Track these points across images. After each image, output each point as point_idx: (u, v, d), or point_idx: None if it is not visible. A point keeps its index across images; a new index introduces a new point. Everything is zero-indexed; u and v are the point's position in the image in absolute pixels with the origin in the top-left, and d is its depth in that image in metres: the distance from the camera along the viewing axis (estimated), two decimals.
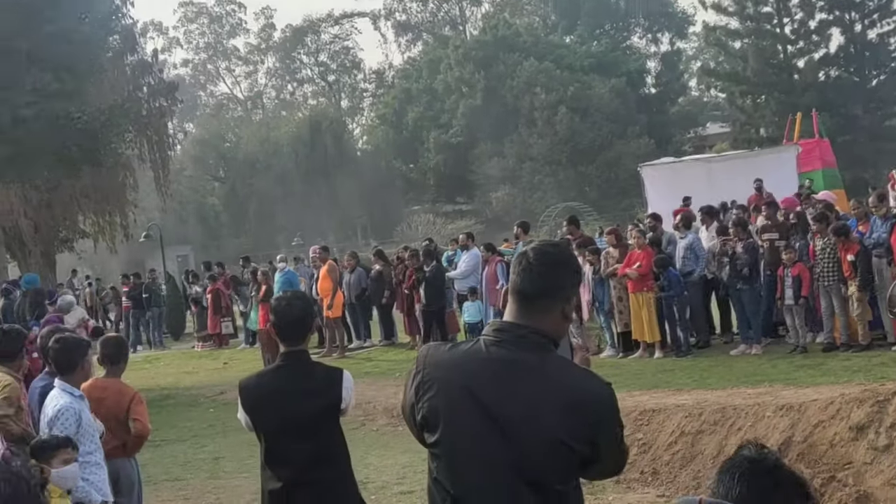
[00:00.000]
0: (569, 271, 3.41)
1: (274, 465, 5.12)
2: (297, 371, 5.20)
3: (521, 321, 3.31)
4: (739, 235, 14.95)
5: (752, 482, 2.77)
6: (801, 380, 11.93)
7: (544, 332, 3.30)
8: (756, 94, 55.55)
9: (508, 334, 3.30)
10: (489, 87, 62.01)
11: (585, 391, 3.23)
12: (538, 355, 3.25)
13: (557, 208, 51.28)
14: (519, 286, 3.33)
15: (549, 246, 3.43)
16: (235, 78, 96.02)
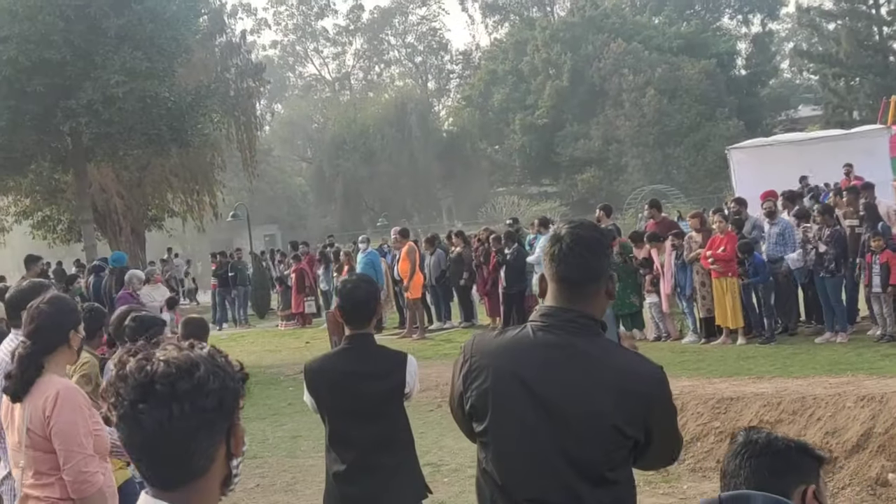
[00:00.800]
0: (606, 251, 3.39)
1: (338, 448, 5.13)
2: (362, 354, 5.18)
3: (568, 305, 3.27)
4: (827, 222, 14.59)
5: (754, 463, 2.76)
6: (886, 369, 11.63)
7: (591, 314, 3.27)
8: (849, 77, 54.38)
9: (556, 319, 3.26)
10: (576, 68, 61.57)
11: (638, 373, 3.18)
12: (587, 339, 3.21)
13: (643, 191, 50.74)
14: (563, 273, 3.28)
15: (582, 228, 3.36)
16: (323, 59, 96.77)
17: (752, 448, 2.76)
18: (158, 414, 2.02)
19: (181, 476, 2.11)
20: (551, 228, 19.20)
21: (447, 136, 73.93)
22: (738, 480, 2.75)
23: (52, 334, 4.90)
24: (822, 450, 3.09)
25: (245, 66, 40.11)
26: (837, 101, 54.86)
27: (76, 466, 4.71)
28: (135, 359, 2.08)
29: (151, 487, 2.14)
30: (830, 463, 2.61)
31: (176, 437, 2.04)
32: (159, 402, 2.02)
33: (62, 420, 4.71)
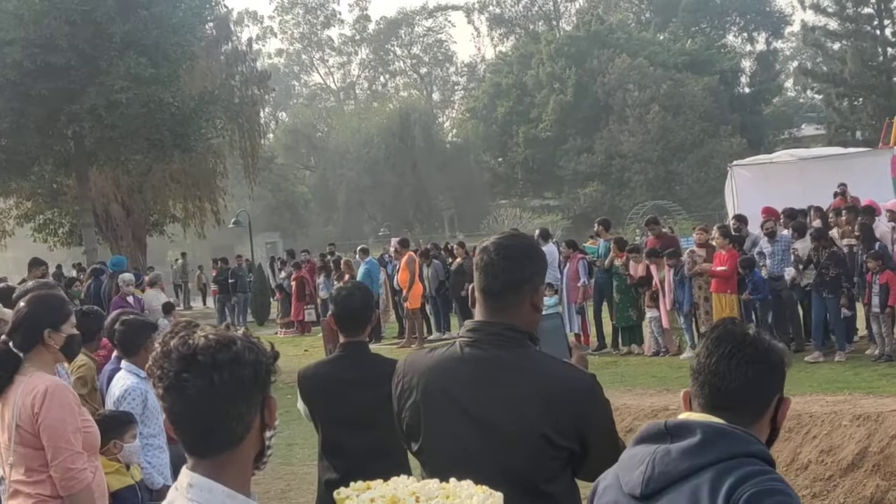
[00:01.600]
0: (531, 261, 3.33)
1: (330, 456, 5.12)
2: (355, 362, 5.14)
3: (493, 318, 3.25)
4: (824, 245, 14.61)
5: (751, 373, 2.59)
6: (883, 389, 11.62)
7: (516, 326, 3.24)
8: (853, 97, 54.41)
9: (481, 333, 3.24)
10: (580, 82, 61.66)
11: (566, 383, 3.15)
12: (514, 351, 3.18)
13: (646, 206, 50.80)
14: (484, 283, 3.27)
15: (508, 239, 3.35)
16: (329, 68, 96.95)
17: (747, 353, 2.60)
18: (201, 382, 2.22)
19: (220, 443, 2.29)
20: (551, 241, 19.35)
21: (450, 147, 74.00)
22: (730, 385, 2.59)
23: (28, 332, 4.92)
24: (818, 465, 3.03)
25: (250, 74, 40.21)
26: (840, 121, 54.87)
27: (63, 463, 4.72)
28: (178, 336, 2.28)
29: (191, 457, 2.32)
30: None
31: (217, 403, 2.24)
32: (201, 371, 2.22)
33: (50, 416, 4.73)
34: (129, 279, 17.17)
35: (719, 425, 2.54)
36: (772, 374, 2.62)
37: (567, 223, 56.00)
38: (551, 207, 65.68)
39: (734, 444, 2.50)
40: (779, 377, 2.65)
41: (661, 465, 2.54)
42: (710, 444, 2.50)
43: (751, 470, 2.45)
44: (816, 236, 14.85)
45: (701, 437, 2.51)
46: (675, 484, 2.51)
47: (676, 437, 2.56)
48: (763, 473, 2.45)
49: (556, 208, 64.59)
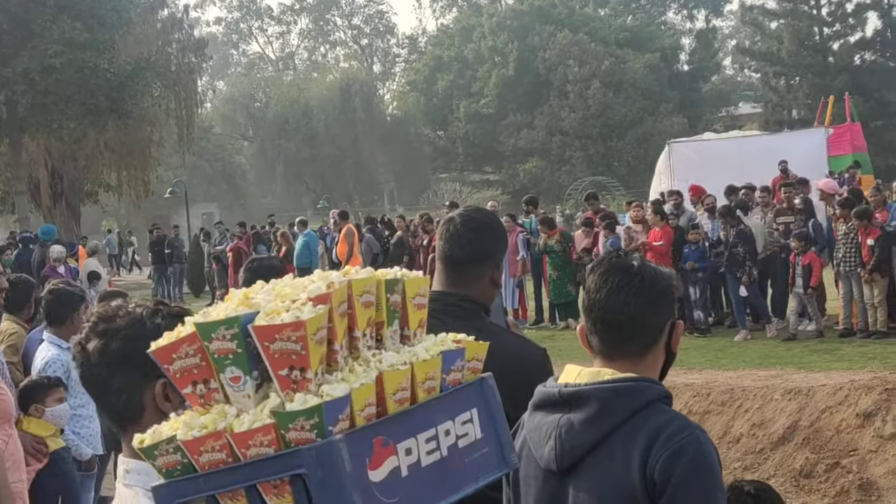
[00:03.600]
0: (496, 237, 3.36)
1: None
2: None
3: (450, 289, 3.26)
4: (730, 223, 14.77)
5: (640, 302, 2.57)
6: (814, 364, 11.80)
7: (473, 298, 3.25)
8: (790, 76, 55.00)
9: (437, 303, 3.18)
10: (522, 57, 61.62)
11: (520, 356, 3.17)
12: (469, 323, 3.14)
13: (585, 182, 51.05)
14: (447, 253, 3.28)
15: (475, 211, 3.38)
16: (268, 38, 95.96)
17: (635, 284, 2.57)
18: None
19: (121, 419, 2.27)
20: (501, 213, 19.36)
21: (391, 120, 73.67)
22: (622, 318, 2.58)
23: None
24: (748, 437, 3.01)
25: (187, 42, 39.56)
26: (777, 100, 55.46)
27: None
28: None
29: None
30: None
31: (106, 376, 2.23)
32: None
33: None
34: (60, 251, 16.95)
35: (611, 385, 2.54)
36: (661, 301, 2.60)
37: (507, 198, 56.10)
38: (491, 182, 65.81)
39: (630, 400, 2.50)
40: (668, 303, 2.64)
41: (569, 439, 2.55)
42: (609, 409, 2.50)
43: (656, 426, 2.46)
44: (723, 213, 15.03)
45: (598, 405, 2.51)
46: (588, 455, 2.52)
47: (574, 407, 2.57)
48: (668, 425, 2.45)
49: (496, 183, 64.72)
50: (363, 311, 1.98)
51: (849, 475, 7.60)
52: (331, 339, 1.88)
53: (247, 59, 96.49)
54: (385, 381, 1.93)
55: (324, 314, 1.84)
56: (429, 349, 2.07)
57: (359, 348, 1.97)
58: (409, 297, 2.11)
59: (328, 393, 1.81)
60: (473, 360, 2.20)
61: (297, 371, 1.82)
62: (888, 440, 7.63)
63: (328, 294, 1.87)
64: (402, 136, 68.85)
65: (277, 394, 1.84)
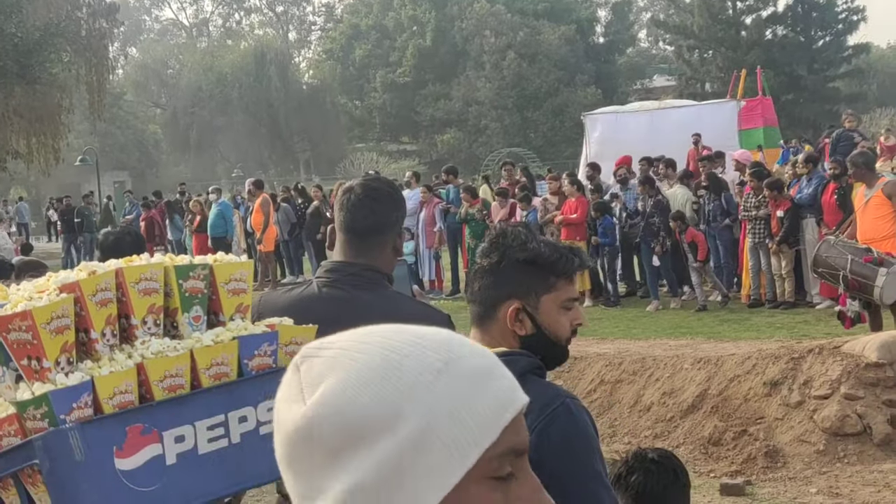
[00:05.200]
0: (397, 205, 3.40)
1: None
2: None
3: (353, 259, 3.28)
4: (648, 192, 14.96)
5: (482, 281, 2.64)
6: (724, 334, 12.05)
7: (377, 268, 3.28)
8: (703, 49, 55.63)
9: (340, 273, 3.27)
10: (439, 27, 61.52)
11: (423, 320, 3.16)
12: (372, 292, 3.20)
13: (502, 153, 51.20)
14: (350, 224, 3.29)
15: (375, 181, 3.43)
16: (181, 3, 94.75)
17: (482, 254, 2.66)
18: None
19: None
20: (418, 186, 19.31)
21: (307, 88, 73.03)
22: (474, 285, 2.68)
23: None
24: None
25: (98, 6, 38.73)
26: (691, 73, 56.08)
27: None
28: None
29: None
30: (568, 274, 2.34)
31: None
32: None
33: None
34: None
35: None
36: (499, 274, 2.61)
37: (424, 168, 55.98)
38: (408, 152, 65.71)
39: None
40: (507, 280, 2.62)
41: None
42: None
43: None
44: (643, 181, 15.22)
45: None
46: None
47: None
48: (540, 397, 2.37)
49: (413, 153, 64.65)
50: (140, 299, 1.94)
51: (756, 442, 7.78)
52: (87, 328, 1.86)
53: (160, 25, 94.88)
54: (149, 369, 1.90)
55: (60, 303, 1.80)
56: (219, 335, 2.04)
57: (137, 336, 1.94)
58: (220, 283, 2.09)
59: (61, 382, 1.78)
60: (292, 343, 2.17)
61: (35, 360, 1.79)
62: (794, 408, 7.82)
63: (75, 283, 1.84)
64: (318, 106, 68.28)
65: (27, 384, 1.82)
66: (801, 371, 7.99)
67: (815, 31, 54.69)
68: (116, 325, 1.92)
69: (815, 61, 54.13)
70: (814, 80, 53.20)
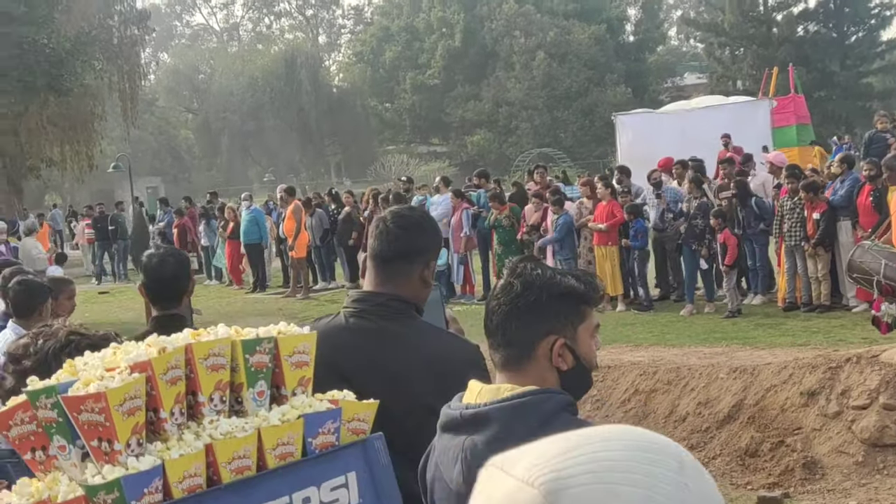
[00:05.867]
0: (427, 235, 3.35)
1: None
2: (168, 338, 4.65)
3: (380, 289, 3.25)
4: (694, 194, 14.78)
5: (506, 311, 2.53)
6: (759, 339, 11.91)
7: (404, 298, 3.23)
8: (734, 47, 55.32)
9: (367, 304, 3.24)
10: (469, 28, 61.49)
11: (451, 352, 3.15)
12: (400, 322, 3.16)
13: (532, 153, 51.14)
14: (377, 250, 3.26)
15: (407, 209, 3.39)
16: (212, 8, 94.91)
17: (506, 294, 2.55)
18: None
19: None
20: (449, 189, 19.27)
21: (337, 91, 73.21)
22: (494, 321, 2.56)
23: None
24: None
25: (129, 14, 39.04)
26: (722, 71, 55.78)
27: None
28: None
29: None
30: (596, 302, 2.28)
31: None
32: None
33: None
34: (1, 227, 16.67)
35: (509, 403, 2.45)
36: (531, 312, 2.53)
37: (454, 170, 56.04)
38: (438, 154, 65.74)
39: (530, 415, 2.42)
40: (542, 316, 2.55)
41: (475, 461, 2.44)
42: (511, 428, 2.43)
43: None
44: (692, 180, 15.03)
45: (499, 426, 2.44)
46: None
47: (477, 429, 2.49)
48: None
49: (442, 155, 64.67)
50: (208, 375, 1.91)
51: (793, 454, 7.68)
52: (156, 407, 1.84)
53: (191, 30, 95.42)
54: (217, 451, 1.87)
55: (133, 384, 1.78)
56: (285, 413, 2.00)
57: (204, 413, 1.91)
58: (283, 356, 2.05)
59: (133, 466, 1.76)
60: (354, 420, 2.13)
61: (105, 442, 1.77)
62: (832, 419, 7.72)
63: (148, 361, 1.82)
64: (348, 108, 68.46)
65: (94, 465, 1.80)
66: (838, 381, 7.88)
67: (847, 27, 54.23)
68: (184, 403, 1.90)
69: (848, 57, 53.70)
70: (846, 77, 52.77)
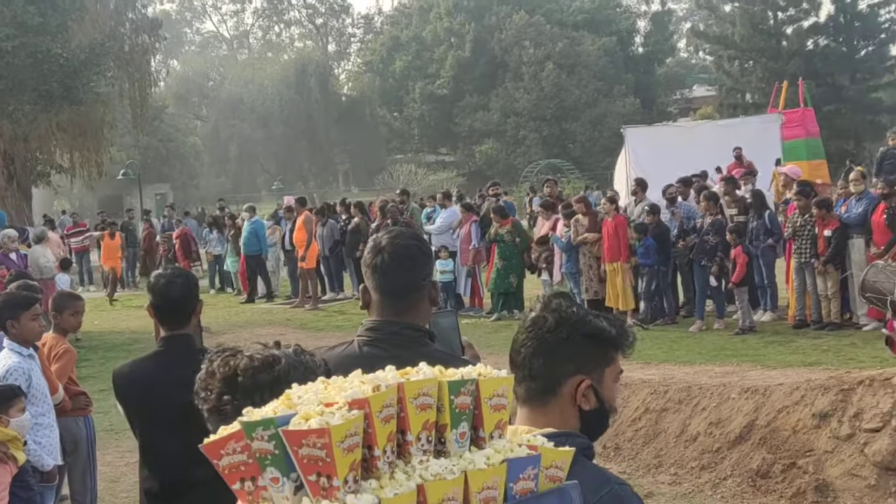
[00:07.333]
0: (427, 259, 3.42)
1: (151, 464, 4.69)
2: (178, 359, 4.58)
3: (392, 318, 3.29)
4: (710, 210, 14.72)
5: (536, 346, 2.53)
6: (769, 357, 11.89)
7: (416, 325, 3.29)
8: (743, 59, 55.32)
9: (380, 332, 3.27)
10: (478, 38, 61.61)
11: None
12: (414, 351, 3.11)
13: (540, 164, 51.20)
14: (385, 287, 3.30)
15: (400, 237, 3.37)
16: (222, 16, 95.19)
17: (537, 328, 2.54)
18: (240, 404, 2.09)
19: None
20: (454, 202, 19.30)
21: (346, 100, 73.34)
22: (519, 357, 2.55)
23: None
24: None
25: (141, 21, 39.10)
26: (731, 83, 55.78)
27: None
28: (221, 356, 2.32)
29: None
30: (626, 349, 2.29)
31: None
32: (242, 393, 2.23)
33: None
34: (12, 235, 16.69)
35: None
36: (559, 349, 2.52)
37: (462, 180, 56.12)
38: (446, 164, 65.81)
39: None
40: (570, 355, 2.53)
41: None
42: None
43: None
44: (707, 197, 14.95)
45: None
46: None
47: None
48: (588, 483, 2.29)
49: (451, 164, 64.74)
50: (417, 415, 1.93)
51: (805, 476, 7.67)
52: (371, 445, 1.86)
53: (201, 37, 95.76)
54: (428, 491, 1.86)
55: (354, 421, 1.80)
56: (490, 457, 2.01)
57: (411, 452, 1.93)
58: (483, 398, 2.07)
59: (351, 502, 1.79)
60: (552, 467, 2.13)
61: (325, 478, 1.79)
62: (844, 441, 7.70)
63: (365, 399, 1.85)
64: (357, 117, 68.58)
65: (310, 499, 1.83)
66: (850, 403, 7.87)
67: (857, 41, 54.17)
68: (395, 442, 1.93)
69: (858, 71, 53.65)
70: (856, 91, 52.72)
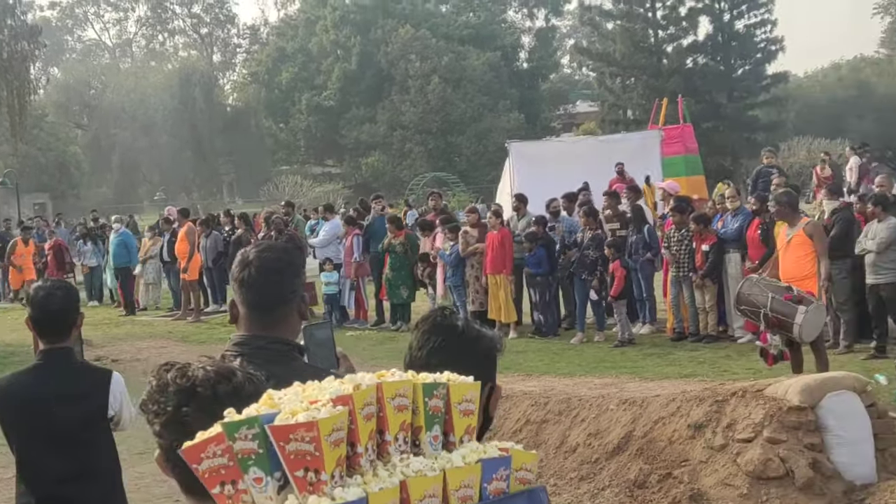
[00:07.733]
0: (296, 272, 3.42)
1: (29, 479, 4.61)
2: (57, 373, 4.57)
3: (260, 332, 3.27)
4: (590, 225, 14.97)
5: (423, 342, 2.62)
6: (647, 369, 12.15)
7: (285, 339, 3.28)
8: (625, 76, 56.47)
9: (247, 347, 3.23)
10: (365, 51, 61.63)
11: None
12: (283, 365, 3.15)
13: (426, 177, 51.38)
14: (253, 301, 3.27)
15: (268, 251, 3.37)
16: (104, 24, 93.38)
17: (455, 344, 2.60)
18: (202, 415, 2.09)
19: None
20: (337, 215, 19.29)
21: (231, 111, 72.63)
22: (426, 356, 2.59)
23: None
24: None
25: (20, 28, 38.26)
26: (613, 100, 56.85)
27: None
28: (174, 369, 2.24)
29: (189, 497, 2.18)
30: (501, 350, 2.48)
31: None
32: (201, 404, 2.15)
33: None
34: None
35: None
36: (482, 364, 2.58)
37: (348, 192, 56.02)
38: (332, 175, 65.64)
39: None
40: (489, 366, 2.63)
41: None
42: None
43: None
44: (587, 213, 15.19)
45: None
46: None
47: None
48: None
49: (337, 176, 64.59)
50: (395, 415, 1.96)
51: (680, 485, 7.81)
52: (353, 442, 1.87)
53: (82, 45, 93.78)
54: (410, 488, 1.90)
55: (340, 415, 1.84)
56: (465, 456, 2.04)
57: (390, 452, 1.95)
58: (454, 403, 2.09)
59: (341, 496, 1.79)
60: (522, 469, 2.17)
61: (312, 473, 1.81)
62: (718, 451, 7.87)
63: (349, 395, 1.86)
64: (243, 128, 67.99)
65: (295, 496, 1.82)
66: (724, 414, 8.05)
67: (734, 60, 55.79)
68: (375, 441, 1.94)
69: (735, 89, 55.23)
70: (733, 108, 54.25)
